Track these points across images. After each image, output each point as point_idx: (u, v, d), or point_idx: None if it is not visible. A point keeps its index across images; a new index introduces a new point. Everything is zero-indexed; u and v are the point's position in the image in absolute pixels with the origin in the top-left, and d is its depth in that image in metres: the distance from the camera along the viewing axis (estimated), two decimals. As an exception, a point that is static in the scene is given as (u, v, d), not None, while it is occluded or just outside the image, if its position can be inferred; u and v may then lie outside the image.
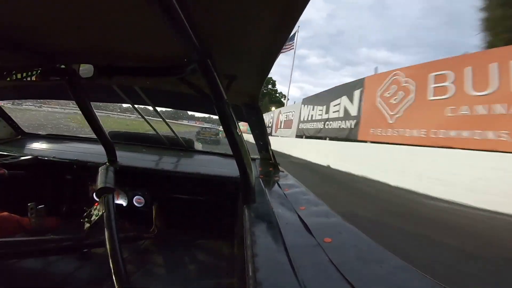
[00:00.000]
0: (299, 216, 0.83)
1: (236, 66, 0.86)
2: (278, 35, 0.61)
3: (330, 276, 0.52)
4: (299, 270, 0.53)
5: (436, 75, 6.46)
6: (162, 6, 0.46)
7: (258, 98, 1.23)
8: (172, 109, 1.92)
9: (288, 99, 23.19)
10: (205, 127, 17.45)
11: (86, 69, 0.81)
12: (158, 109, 1.61)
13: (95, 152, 1.57)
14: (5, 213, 1.08)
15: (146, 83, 1.19)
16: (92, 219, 0.97)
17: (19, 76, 0.81)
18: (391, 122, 7.65)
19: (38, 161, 1.39)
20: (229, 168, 1.53)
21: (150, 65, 0.85)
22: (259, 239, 0.67)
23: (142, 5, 0.51)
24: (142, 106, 1.56)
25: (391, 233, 3.19)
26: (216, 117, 0.84)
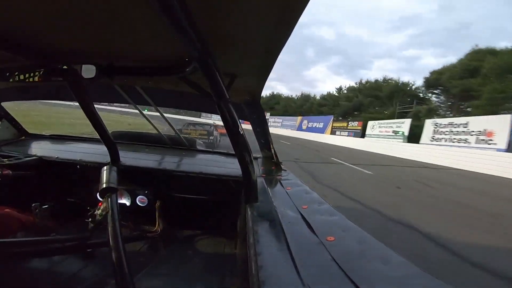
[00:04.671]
0: (301, 215, 0.83)
1: (237, 64, 0.86)
2: (280, 32, 0.61)
3: (332, 275, 0.52)
4: (302, 268, 0.53)
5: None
6: (162, 6, 0.46)
7: (260, 96, 1.23)
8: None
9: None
10: (193, 123, 12.13)
11: (88, 69, 0.81)
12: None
13: (98, 152, 1.57)
14: (7, 210, 1.09)
15: (148, 82, 1.20)
16: (96, 219, 0.97)
17: (21, 77, 0.81)
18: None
19: (42, 162, 1.39)
20: (231, 167, 1.53)
21: (151, 65, 0.85)
22: (262, 238, 0.67)
23: (143, 5, 0.51)
24: (144, 106, 1.56)
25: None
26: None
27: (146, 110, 1.99)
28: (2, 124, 1.65)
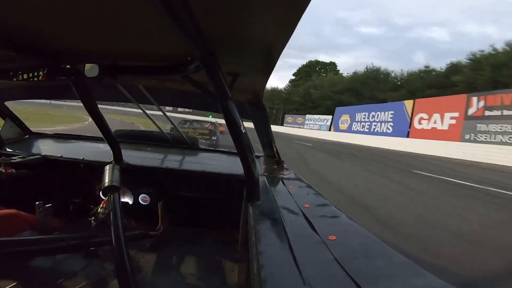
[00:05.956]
0: (303, 214, 0.83)
1: (240, 63, 0.86)
2: (282, 31, 0.61)
3: (334, 274, 0.52)
4: (304, 267, 0.53)
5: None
6: (165, 5, 0.46)
7: (262, 95, 1.23)
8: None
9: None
10: (192, 120, 10.94)
11: (91, 69, 0.81)
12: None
13: (101, 151, 1.58)
14: (13, 210, 1.10)
15: (151, 81, 1.20)
16: (99, 217, 0.98)
17: (25, 76, 0.81)
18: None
19: (45, 160, 1.40)
20: (233, 165, 1.54)
21: (154, 64, 0.85)
22: (264, 237, 0.67)
23: (145, 4, 0.51)
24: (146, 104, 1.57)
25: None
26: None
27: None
28: (6, 123, 1.66)
